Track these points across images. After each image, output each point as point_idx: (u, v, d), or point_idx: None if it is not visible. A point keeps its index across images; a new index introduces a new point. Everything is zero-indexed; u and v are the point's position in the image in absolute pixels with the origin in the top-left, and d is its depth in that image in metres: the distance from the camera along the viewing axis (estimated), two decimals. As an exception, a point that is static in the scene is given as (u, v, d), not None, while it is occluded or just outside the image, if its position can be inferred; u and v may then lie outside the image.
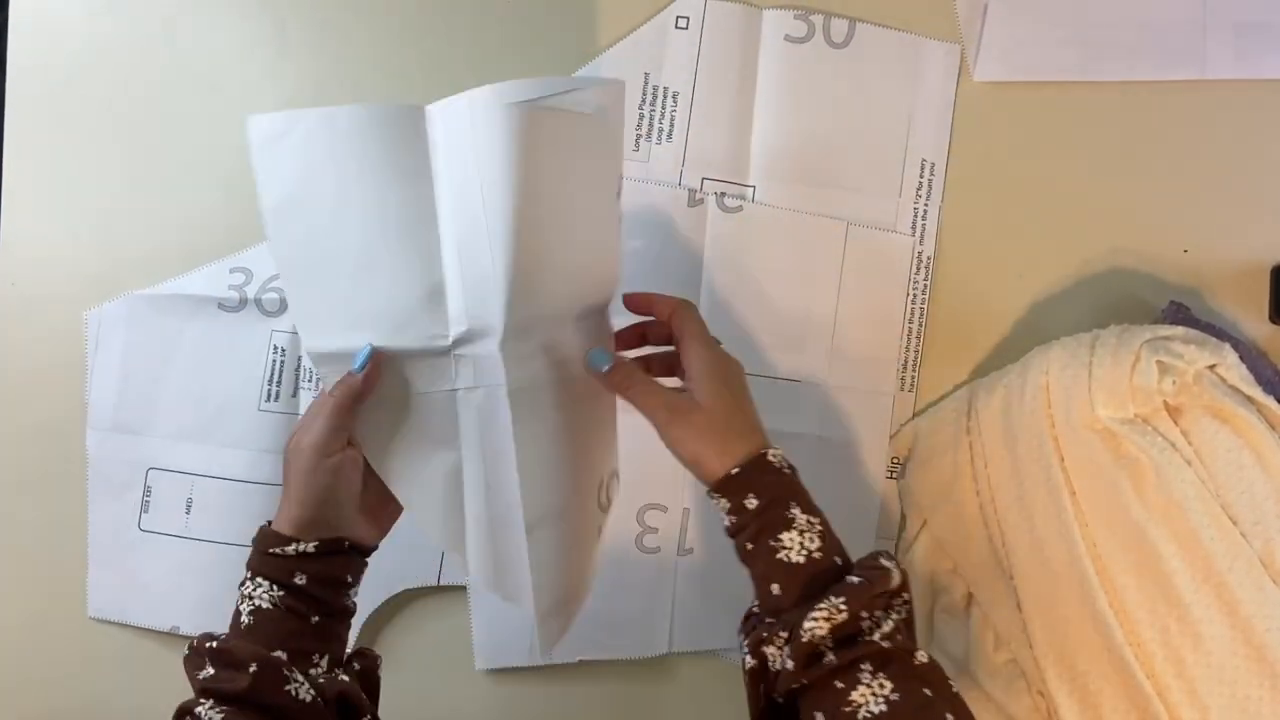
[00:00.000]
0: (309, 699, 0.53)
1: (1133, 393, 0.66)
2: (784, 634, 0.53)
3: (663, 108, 0.75)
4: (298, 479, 0.56)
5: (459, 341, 0.56)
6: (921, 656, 0.52)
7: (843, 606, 0.51)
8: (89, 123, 0.78)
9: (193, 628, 0.75)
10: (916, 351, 0.75)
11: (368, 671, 0.60)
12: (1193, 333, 0.69)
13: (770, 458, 0.56)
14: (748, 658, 0.55)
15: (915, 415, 0.76)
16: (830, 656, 0.51)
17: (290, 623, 0.55)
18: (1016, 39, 0.75)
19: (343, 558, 0.57)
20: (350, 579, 0.58)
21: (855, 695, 0.50)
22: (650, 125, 0.76)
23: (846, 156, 0.75)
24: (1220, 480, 0.66)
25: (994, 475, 0.71)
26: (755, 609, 0.56)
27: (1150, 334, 0.68)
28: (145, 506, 0.76)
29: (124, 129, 0.78)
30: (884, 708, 0.50)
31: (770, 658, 0.53)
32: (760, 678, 0.54)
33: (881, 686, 0.50)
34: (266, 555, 0.56)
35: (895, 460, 0.75)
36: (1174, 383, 0.66)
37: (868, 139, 0.75)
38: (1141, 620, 0.64)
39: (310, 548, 0.55)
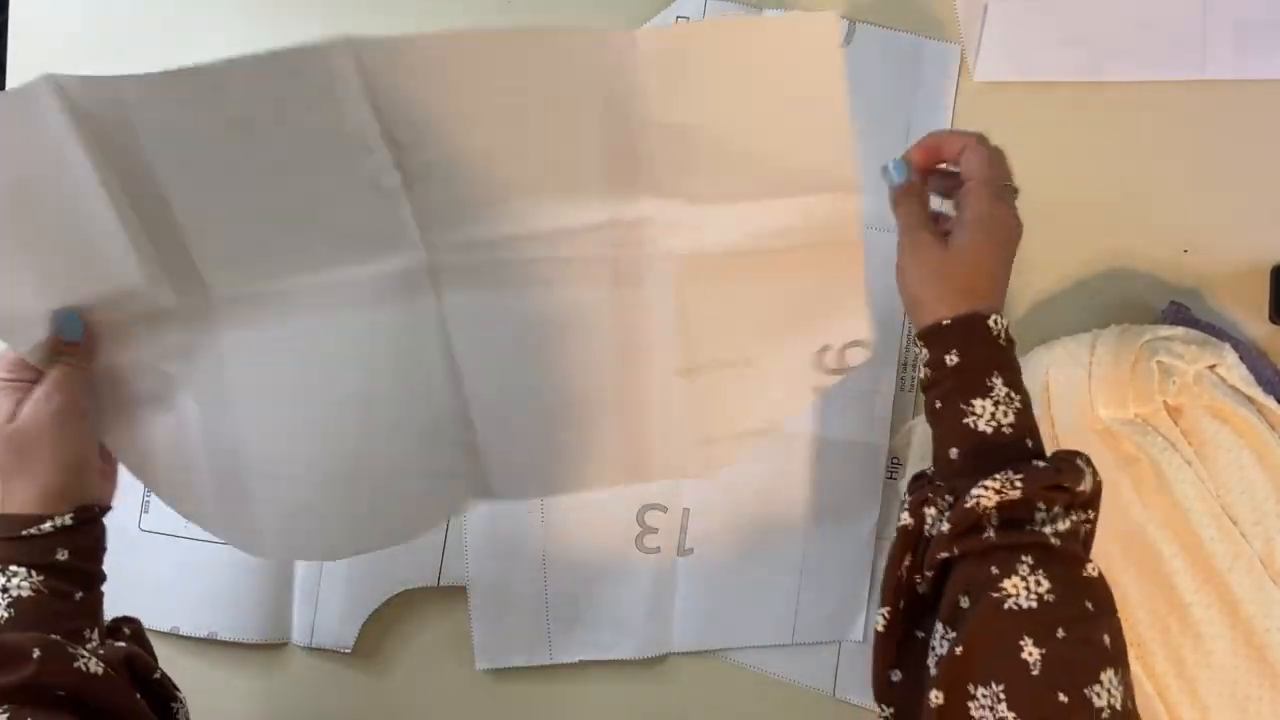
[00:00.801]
0: (100, 670, 0.51)
1: (1133, 393, 0.66)
2: (949, 498, 0.51)
3: None
4: (52, 447, 0.54)
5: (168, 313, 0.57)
6: (1092, 569, 0.49)
7: (1018, 483, 0.49)
8: (89, 123, 0.78)
9: (193, 628, 0.75)
10: (917, 352, 0.75)
11: (138, 634, 0.59)
12: (1193, 333, 0.69)
13: (991, 323, 0.54)
14: (905, 514, 0.53)
15: (915, 415, 0.76)
16: (990, 534, 0.49)
17: (57, 604, 0.53)
18: (1016, 39, 0.75)
19: (94, 525, 0.56)
20: (103, 545, 0.57)
21: (1007, 584, 0.48)
22: None
23: None
24: (1220, 480, 0.66)
25: (994, 475, 0.71)
26: (928, 472, 0.55)
27: (1150, 334, 0.68)
28: (145, 506, 0.76)
29: (124, 129, 0.78)
30: (1034, 604, 0.47)
31: (928, 520, 0.52)
32: (913, 542, 0.52)
33: (1038, 583, 0.47)
34: (15, 540, 0.53)
35: (895, 460, 0.75)
36: (1174, 383, 0.66)
37: (867, 139, 0.75)
38: (1141, 620, 0.64)
39: (69, 520, 0.54)
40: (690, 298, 0.60)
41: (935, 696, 0.48)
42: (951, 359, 0.54)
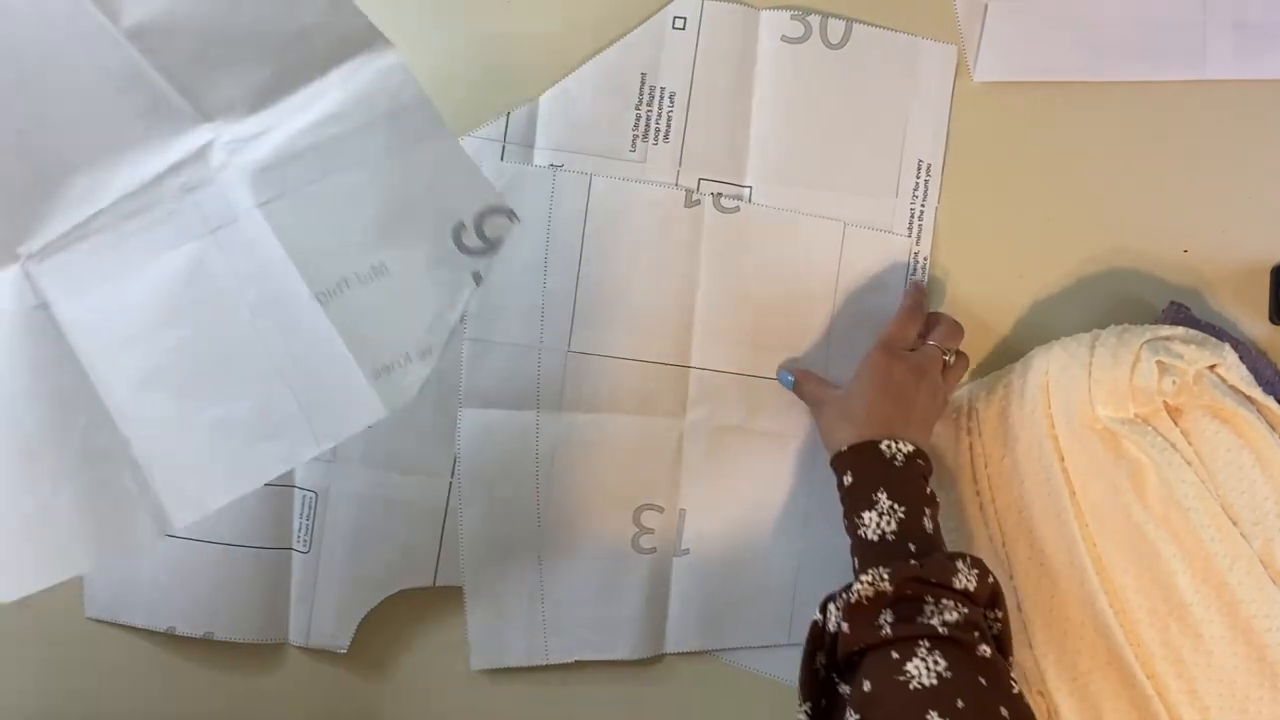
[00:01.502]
0: None
1: (1133, 393, 0.66)
2: (844, 595, 0.58)
3: (659, 108, 0.75)
4: None
5: None
6: (984, 650, 0.55)
7: (885, 577, 0.57)
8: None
9: (190, 628, 0.75)
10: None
11: None
12: (1193, 333, 0.68)
13: (882, 446, 0.63)
14: (816, 613, 0.60)
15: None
16: (886, 629, 0.55)
17: None
18: (1016, 39, 0.75)
19: None
20: None
21: (909, 666, 0.53)
22: (647, 126, 0.75)
23: (843, 157, 0.75)
24: (1220, 480, 0.65)
25: (994, 475, 0.70)
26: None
27: (1150, 334, 0.67)
28: (143, 507, 0.76)
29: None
30: (934, 681, 0.53)
31: (830, 615, 0.58)
32: (819, 637, 0.59)
33: (936, 663, 0.53)
34: None
35: None
36: (1174, 383, 0.66)
37: (864, 140, 0.75)
38: (1141, 620, 0.64)
39: None
40: (283, 214, 0.56)
41: None
42: (846, 479, 0.63)
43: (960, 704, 0.52)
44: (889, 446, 0.63)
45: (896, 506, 0.60)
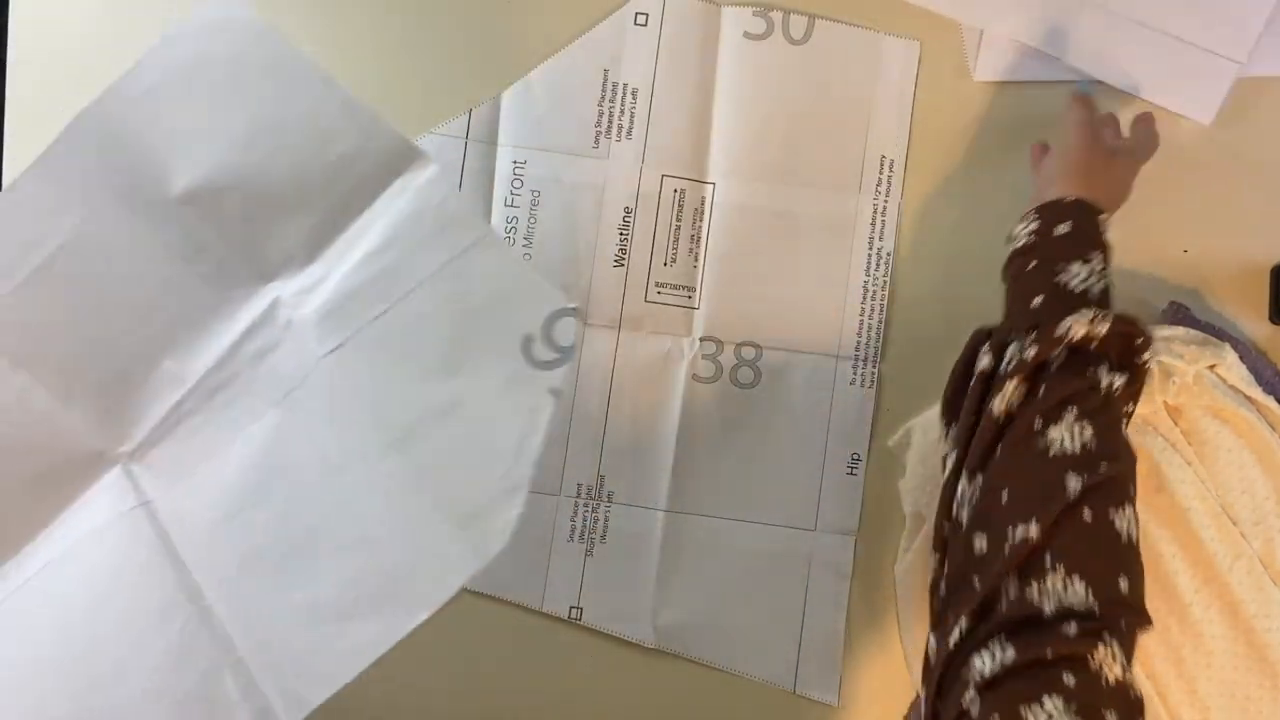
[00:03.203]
0: None
1: (1132, 393, 0.66)
2: (1033, 332, 0.55)
3: (622, 104, 0.75)
4: None
5: None
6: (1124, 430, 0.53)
7: (1107, 318, 0.54)
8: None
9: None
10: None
11: None
12: (1193, 333, 0.68)
13: (1101, 218, 0.60)
14: (985, 358, 0.56)
15: (913, 417, 0.75)
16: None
17: None
18: (1017, 39, 0.75)
19: None
20: None
21: (1052, 432, 0.52)
22: (610, 122, 0.75)
23: (806, 153, 0.75)
24: (1220, 480, 0.65)
25: (993, 476, 0.70)
26: (992, 327, 0.59)
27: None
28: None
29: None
30: (1076, 449, 0.51)
31: (1008, 357, 0.55)
32: (987, 382, 0.56)
33: (1083, 430, 0.52)
34: None
35: (855, 456, 0.75)
36: (1174, 383, 0.66)
37: (827, 135, 0.75)
38: (1141, 620, 0.64)
39: None
40: (350, 359, 0.54)
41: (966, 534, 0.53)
42: (1061, 229, 0.58)
43: (1104, 467, 0.51)
44: (1103, 222, 0.61)
45: (1106, 273, 0.58)
